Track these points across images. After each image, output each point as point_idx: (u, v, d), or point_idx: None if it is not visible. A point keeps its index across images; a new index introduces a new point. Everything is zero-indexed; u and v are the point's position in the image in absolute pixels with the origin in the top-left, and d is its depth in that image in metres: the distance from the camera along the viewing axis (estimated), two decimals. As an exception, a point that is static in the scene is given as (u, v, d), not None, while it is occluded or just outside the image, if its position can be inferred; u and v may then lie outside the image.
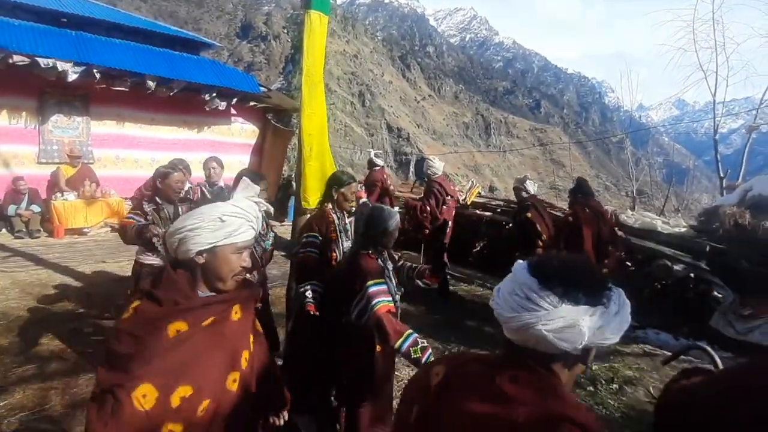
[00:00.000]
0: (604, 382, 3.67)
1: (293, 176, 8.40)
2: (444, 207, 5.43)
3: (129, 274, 5.42)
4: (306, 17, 3.71)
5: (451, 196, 5.61)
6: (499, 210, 6.99)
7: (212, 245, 1.25)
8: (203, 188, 4.11)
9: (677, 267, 4.94)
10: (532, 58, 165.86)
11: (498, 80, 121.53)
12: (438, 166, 5.60)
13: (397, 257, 2.59)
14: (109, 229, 7.71)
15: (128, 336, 1.16)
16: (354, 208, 2.97)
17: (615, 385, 3.63)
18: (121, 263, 5.86)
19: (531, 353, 0.85)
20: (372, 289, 2.09)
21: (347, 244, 2.83)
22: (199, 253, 1.25)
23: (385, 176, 6.93)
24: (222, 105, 8.56)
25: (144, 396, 1.12)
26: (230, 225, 1.27)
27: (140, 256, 3.22)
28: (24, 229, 6.98)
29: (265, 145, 9.91)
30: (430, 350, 2.02)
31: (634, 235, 5.44)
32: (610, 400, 3.42)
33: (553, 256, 0.91)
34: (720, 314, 4.32)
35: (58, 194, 7.21)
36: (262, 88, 9.24)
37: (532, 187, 4.83)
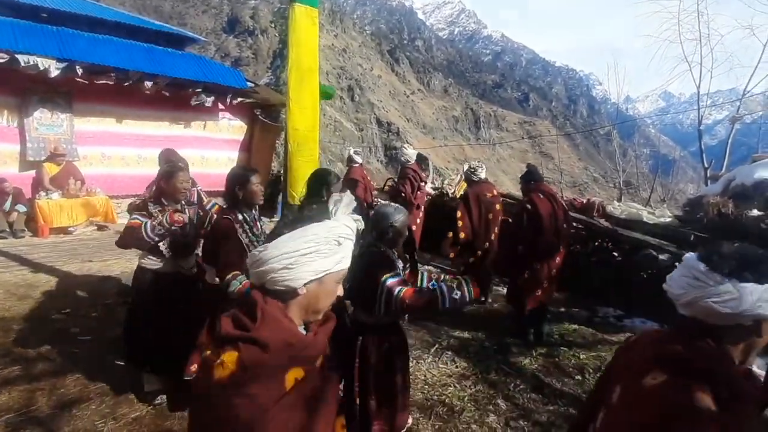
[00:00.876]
0: (591, 370, 3.72)
1: (282, 172, 8.36)
2: (419, 192, 5.76)
3: (116, 273, 5.42)
4: (290, 11, 3.68)
5: (425, 182, 6.01)
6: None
7: (324, 273, 1.05)
8: (200, 190, 4.00)
9: (662, 256, 5.02)
10: (521, 51, 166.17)
11: (487, 74, 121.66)
12: (411, 153, 6.03)
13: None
14: (96, 227, 7.63)
15: (241, 397, 0.90)
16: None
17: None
18: (108, 262, 5.80)
19: (699, 323, 1.00)
20: (390, 282, 2.12)
21: None
22: (307, 283, 1.03)
23: (364, 173, 6.97)
24: (209, 101, 8.47)
25: None
26: (344, 249, 1.08)
27: (143, 261, 3.02)
28: (8, 229, 6.86)
29: (253, 141, 9.84)
30: (455, 277, 2.16)
31: (620, 225, 5.52)
32: (597, 389, 3.47)
33: (720, 244, 1.04)
34: (704, 302, 4.39)
35: (42, 193, 7.10)
36: (249, 84, 9.16)
37: (470, 174, 5.11)
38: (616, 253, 5.53)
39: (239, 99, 9.06)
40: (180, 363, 2.99)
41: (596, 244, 5.75)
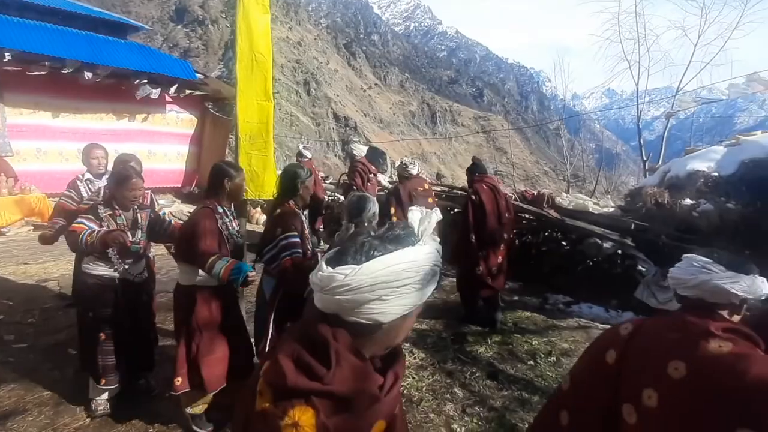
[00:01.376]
0: (543, 355, 3.88)
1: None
2: (369, 184, 5.99)
3: (54, 275, 5.08)
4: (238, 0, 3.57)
5: (374, 175, 6.30)
6: (443, 195, 7.16)
7: (414, 307, 0.89)
8: (152, 194, 3.75)
9: (606, 245, 5.30)
10: (475, 47, 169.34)
11: (442, 69, 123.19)
12: (361, 148, 6.58)
13: None
14: (32, 228, 7.12)
15: None
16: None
17: (553, 358, 3.85)
18: (45, 264, 5.43)
19: (701, 302, 1.29)
20: None
21: (312, 239, 2.87)
22: (396, 318, 0.87)
23: (313, 167, 6.99)
24: (154, 92, 8.09)
25: None
26: (435, 277, 0.92)
27: (87, 266, 2.79)
28: (-72, 232, 6.29)
29: (204, 134, 9.50)
30: None
31: (568, 216, 5.77)
32: (548, 372, 3.62)
33: (719, 250, 1.34)
34: (644, 286, 4.68)
35: (-31, 192, 6.55)
36: (198, 75, 8.82)
37: (402, 170, 5.20)
38: (564, 242, 5.78)
39: (188, 91, 8.71)
40: (132, 370, 2.87)
41: (546, 234, 5.99)
